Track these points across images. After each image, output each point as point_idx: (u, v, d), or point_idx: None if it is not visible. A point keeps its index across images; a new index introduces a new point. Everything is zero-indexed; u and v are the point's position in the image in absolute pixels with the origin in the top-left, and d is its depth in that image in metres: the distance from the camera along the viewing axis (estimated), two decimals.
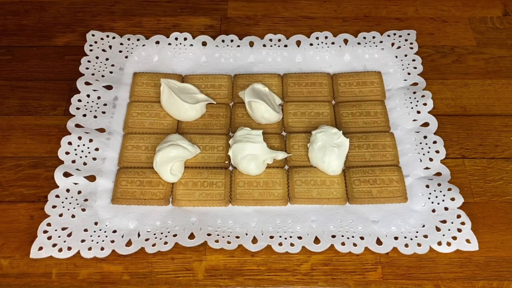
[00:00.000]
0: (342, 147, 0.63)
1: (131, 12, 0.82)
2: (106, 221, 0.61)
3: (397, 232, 0.60)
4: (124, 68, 0.75)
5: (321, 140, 0.64)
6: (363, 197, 0.62)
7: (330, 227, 0.60)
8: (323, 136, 0.64)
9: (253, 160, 0.63)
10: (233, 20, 0.81)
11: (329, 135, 0.64)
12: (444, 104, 0.71)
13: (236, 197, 0.63)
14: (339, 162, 0.63)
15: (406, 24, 0.80)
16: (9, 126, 0.69)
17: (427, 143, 0.66)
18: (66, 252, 0.58)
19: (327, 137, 0.64)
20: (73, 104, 0.69)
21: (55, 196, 0.62)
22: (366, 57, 0.76)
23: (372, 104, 0.70)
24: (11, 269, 0.58)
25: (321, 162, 0.63)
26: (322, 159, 0.63)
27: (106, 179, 0.64)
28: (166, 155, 0.62)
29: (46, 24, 0.81)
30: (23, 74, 0.75)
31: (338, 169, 0.63)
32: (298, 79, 0.73)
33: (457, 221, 0.60)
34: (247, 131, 0.64)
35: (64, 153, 0.65)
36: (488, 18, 0.81)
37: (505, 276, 0.57)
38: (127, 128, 0.68)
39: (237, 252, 0.59)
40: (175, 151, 0.62)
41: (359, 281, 0.57)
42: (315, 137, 0.64)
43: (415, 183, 0.64)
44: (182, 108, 0.67)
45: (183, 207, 0.62)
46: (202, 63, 0.76)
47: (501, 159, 0.66)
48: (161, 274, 0.58)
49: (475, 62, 0.76)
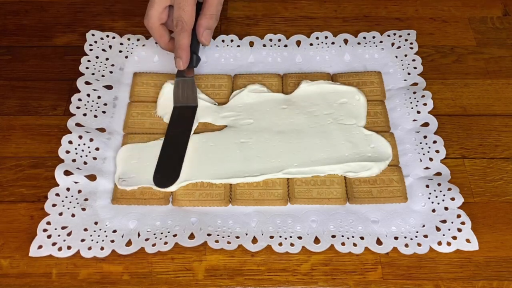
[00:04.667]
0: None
1: (131, 12, 0.82)
2: (106, 221, 0.61)
3: (397, 232, 0.60)
4: (124, 68, 0.75)
5: None
6: (363, 197, 0.62)
7: (330, 227, 0.60)
8: None
9: None
10: (233, 20, 0.81)
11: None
12: (444, 104, 0.71)
13: (236, 197, 0.63)
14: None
15: (406, 24, 0.80)
16: (9, 126, 0.69)
17: (427, 143, 0.66)
18: (66, 251, 0.58)
19: None
20: (73, 103, 0.69)
21: (55, 195, 0.62)
22: (366, 57, 0.76)
23: (372, 104, 0.70)
24: (11, 269, 0.58)
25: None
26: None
27: (107, 179, 0.64)
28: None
29: (46, 24, 0.81)
30: (23, 74, 0.75)
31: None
32: (298, 79, 0.73)
33: (457, 221, 0.60)
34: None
35: (64, 151, 0.65)
36: (488, 18, 0.81)
37: (505, 276, 0.57)
38: (127, 128, 0.68)
39: (237, 252, 0.59)
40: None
41: (359, 281, 0.57)
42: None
43: (415, 183, 0.64)
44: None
45: (183, 207, 0.62)
46: (202, 63, 0.75)
47: (501, 159, 0.66)
48: (161, 274, 0.58)
49: (475, 62, 0.76)
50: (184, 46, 0.67)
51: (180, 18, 0.66)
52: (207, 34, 0.69)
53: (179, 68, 0.68)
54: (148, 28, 0.69)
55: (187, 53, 0.67)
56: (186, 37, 0.67)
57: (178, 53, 0.67)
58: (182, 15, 0.66)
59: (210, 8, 0.69)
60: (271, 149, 0.65)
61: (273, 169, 0.63)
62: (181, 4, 0.66)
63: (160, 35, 0.69)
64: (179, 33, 0.66)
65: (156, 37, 0.70)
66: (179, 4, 0.66)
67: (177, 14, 0.66)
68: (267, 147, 0.65)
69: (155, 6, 0.67)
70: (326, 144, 0.65)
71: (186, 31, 0.66)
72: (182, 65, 0.67)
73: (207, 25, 0.69)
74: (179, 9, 0.66)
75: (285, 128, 0.67)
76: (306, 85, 0.71)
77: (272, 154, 0.65)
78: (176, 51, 0.67)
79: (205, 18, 0.69)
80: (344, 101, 0.69)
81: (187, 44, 0.67)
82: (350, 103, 0.69)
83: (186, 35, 0.67)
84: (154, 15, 0.68)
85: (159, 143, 0.66)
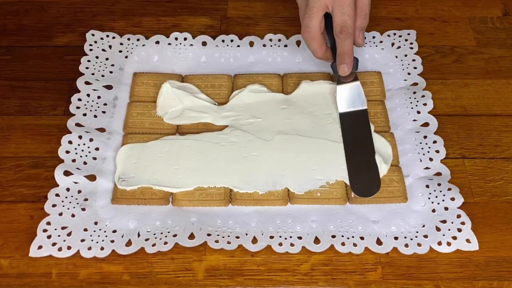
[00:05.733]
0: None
1: (131, 12, 0.82)
2: (106, 221, 0.61)
3: (397, 232, 0.60)
4: (124, 68, 0.75)
5: None
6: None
7: (330, 227, 0.60)
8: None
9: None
10: (233, 20, 0.81)
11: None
12: (444, 104, 0.71)
13: (236, 197, 0.63)
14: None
15: (406, 24, 0.80)
16: (9, 126, 0.69)
17: (427, 143, 0.66)
18: (66, 251, 0.58)
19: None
20: (73, 103, 0.69)
21: (55, 195, 0.62)
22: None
23: (372, 104, 0.70)
24: (11, 269, 0.58)
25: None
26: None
27: (106, 179, 0.64)
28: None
29: (46, 24, 0.81)
30: (23, 74, 0.75)
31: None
32: (298, 79, 0.73)
33: (457, 221, 0.60)
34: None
35: (64, 151, 0.65)
36: (488, 18, 0.81)
37: (505, 276, 0.57)
38: (127, 129, 0.68)
39: (237, 252, 0.59)
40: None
41: (359, 281, 0.57)
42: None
43: (415, 183, 0.64)
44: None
45: (183, 207, 0.62)
46: (202, 63, 0.76)
47: (501, 159, 0.66)
48: (161, 274, 0.58)
49: (475, 62, 0.76)
50: (350, 51, 0.65)
51: (344, 24, 0.64)
52: (363, 34, 0.69)
53: (343, 74, 0.66)
54: (309, 39, 0.67)
55: (352, 58, 0.66)
56: (351, 42, 0.65)
57: (344, 59, 0.65)
58: (346, 20, 0.64)
59: (364, 7, 0.67)
60: (271, 161, 0.65)
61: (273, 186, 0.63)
62: (344, 10, 0.64)
63: (321, 45, 0.67)
64: (344, 39, 0.65)
65: (317, 47, 0.68)
66: (342, 9, 0.64)
67: (341, 19, 0.65)
68: (267, 161, 0.65)
69: (315, 16, 0.65)
70: (325, 148, 0.65)
71: (352, 36, 0.65)
72: (347, 70, 0.66)
73: (362, 25, 0.68)
74: (343, 14, 0.64)
75: (285, 128, 0.67)
76: (306, 85, 0.71)
77: (272, 169, 0.64)
78: (341, 57, 0.66)
79: (361, 18, 0.67)
80: None
81: (352, 49, 0.66)
82: None
83: (351, 40, 0.65)
84: (316, 25, 0.66)
85: (159, 143, 0.66)
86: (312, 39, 0.67)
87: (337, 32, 0.65)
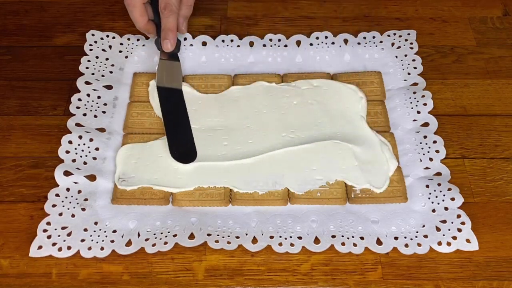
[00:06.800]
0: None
1: None
2: (106, 221, 0.61)
3: (397, 232, 0.60)
4: (124, 68, 0.75)
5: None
6: (363, 197, 0.62)
7: (330, 227, 0.60)
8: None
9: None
10: (233, 20, 0.81)
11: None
12: (444, 104, 0.71)
13: (236, 197, 0.63)
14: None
15: (406, 24, 0.80)
16: (9, 126, 0.69)
17: (427, 143, 0.66)
18: (66, 251, 0.58)
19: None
20: (73, 103, 0.69)
21: (55, 195, 0.62)
22: (366, 57, 0.76)
23: (372, 104, 0.70)
24: (11, 269, 0.58)
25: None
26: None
27: (106, 179, 0.64)
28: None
29: (46, 24, 0.81)
30: (23, 74, 0.75)
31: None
32: (298, 79, 0.73)
33: (457, 221, 0.60)
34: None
35: (64, 151, 0.65)
36: (488, 18, 0.81)
37: (505, 276, 0.57)
38: (127, 129, 0.68)
39: (237, 252, 0.59)
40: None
41: (359, 281, 0.57)
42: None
43: (415, 183, 0.64)
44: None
45: (183, 207, 0.62)
46: (202, 63, 0.76)
47: (501, 159, 0.66)
48: (161, 274, 0.58)
49: (475, 62, 0.76)
50: (173, 28, 0.69)
51: (169, 1, 0.68)
52: (186, 23, 0.73)
53: (167, 50, 0.69)
54: (131, 5, 0.70)
55: (175, 35, 0.69)
56: (174, 20, 0.69)
57: (168, 35, 0.68)
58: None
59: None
60: (271, 161, 0.65)
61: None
62: None
63: (141, 14, 0.70)
64: (168, 15, 0.68)
65: (137, 16, 0.70)
66: None
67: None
68: (267, 160, 0.65)
69: None
70: (325, 148, 0.65)
71: (175, 14, 0.68)
72: (170, 47, 0.69)
73: (186, 14, 0.72)
74: None
75: (285, 127, 0.67)
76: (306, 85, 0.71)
77: (272, 169, 0.64)
78: (165, 33, 0.69)
79: (185, 8, 0.72)
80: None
81: (175, 26, 0.69)
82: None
83: (175, 17, 0.69)
84: None
85: (159, 143, 0.66)
86: (133, 6, 0.70)
87: (162, 8, 0.68)
